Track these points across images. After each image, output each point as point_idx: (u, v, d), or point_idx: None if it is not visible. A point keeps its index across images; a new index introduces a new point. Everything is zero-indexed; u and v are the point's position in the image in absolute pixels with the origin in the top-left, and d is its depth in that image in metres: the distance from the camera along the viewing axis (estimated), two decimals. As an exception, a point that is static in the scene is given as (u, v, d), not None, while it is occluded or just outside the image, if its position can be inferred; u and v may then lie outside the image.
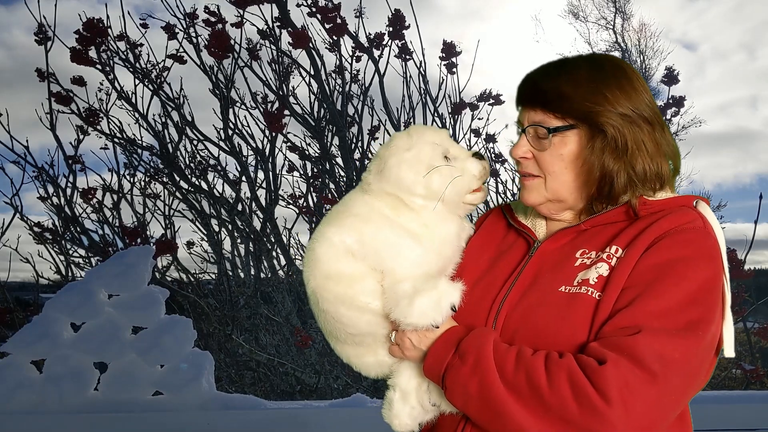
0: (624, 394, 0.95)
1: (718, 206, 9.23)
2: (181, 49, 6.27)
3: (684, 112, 7.15)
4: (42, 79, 6.02)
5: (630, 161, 1.15)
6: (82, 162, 6.30)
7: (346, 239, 1.19)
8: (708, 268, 1.07)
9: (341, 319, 1.21)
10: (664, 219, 1.12)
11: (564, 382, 0.98)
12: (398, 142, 1.26)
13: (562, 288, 1.12)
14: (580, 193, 1.21)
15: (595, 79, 1.16)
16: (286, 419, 3.60)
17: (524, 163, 1.23)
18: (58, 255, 6.29)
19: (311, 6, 5.95)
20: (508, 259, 1.26)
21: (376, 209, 1.23)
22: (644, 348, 0.97)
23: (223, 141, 6.42)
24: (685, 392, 1.03)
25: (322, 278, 1.20)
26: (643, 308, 1.02)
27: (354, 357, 1.31)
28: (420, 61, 6.30)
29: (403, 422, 1.21)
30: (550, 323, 1.10)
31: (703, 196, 1.23)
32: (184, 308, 5.96)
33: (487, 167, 1.27)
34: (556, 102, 1.17)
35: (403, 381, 1.23)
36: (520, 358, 1.04)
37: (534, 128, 1.20)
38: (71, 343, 3.62)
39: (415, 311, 1.11)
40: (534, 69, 1.25)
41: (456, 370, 1.08)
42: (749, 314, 5.76)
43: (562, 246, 1.21)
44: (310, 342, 5.51)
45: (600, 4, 13.93)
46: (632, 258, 1.09)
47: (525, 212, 1.34)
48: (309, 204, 6.58)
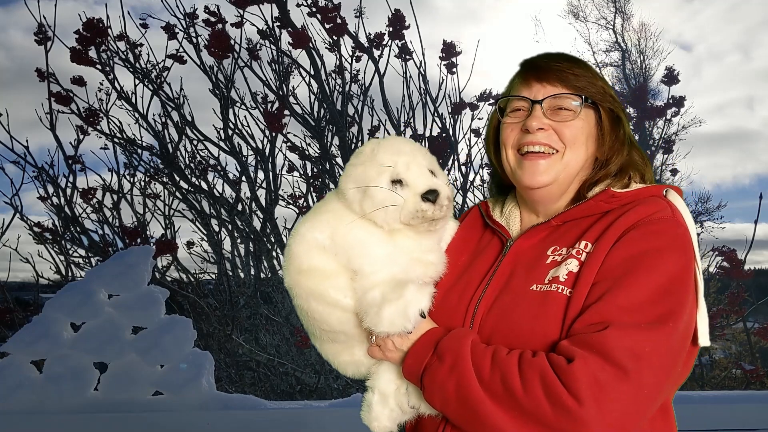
0: (595, 392, 0.95)
1: (717, 206, 9.23)
2: (181, 49, 6.28)
3: (684, 112, 7.14)
4: (42, 79, 6.03)
5: (628, 148, 1.22)
6: (82, 162, 6.31)
7: (317, 235, 1.20)
8: (678, 258, 1.06)
9: (313, 314, 1.22)
10: (632, 210, 1.12)
11: (537, 383, 0.98)
12: (362, 150, 1.26)
13: (534, 287, 1.12)
14: (582, 177, 1.23)
15: (593, 68, 1.24)
16: (286, 419, 3.60)
17: (541, 134, 1.20)
18: (58, 255, 6.30)
19: (311, 6, 5.95)
20: (484, 259, 1.26)
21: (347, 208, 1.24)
22: (614, 343, 0.97)
23: (223, 141, 6.43)
24: (660, 386, 1.01)
25: (296, 273, 1.21)
26: (613, 303, 1.02)
27: (331, 355, 1.32)
28: (420, 61, 6.31)
29: (382, 425, 1.21)
30: (524, 323, 1.10)
31: (702, 195, 1.24)
32: (184, 308, 5.96)
33: (430, 212, 1.17)
34: (574, 79, 1.20)
35: (382, 383, 1.23)
36: (495, 359, 1.04)
37: (556, 99, 1.20)
38: (71, 343, 3.62)
39: (384, 320, 1.11)
40: (540, 54, 1.27)
41: (434, 370, 1.08)
42: (749, 314, 5.76)
43: (534, 244, 1.21)
44: (310, 342, 5.49)
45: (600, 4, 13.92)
46: (601, 252, 1.09)
47: (501, 209, 1.34)
48: (309, 204, 6.58)
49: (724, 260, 5.34)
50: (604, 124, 1.21)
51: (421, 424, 1.23)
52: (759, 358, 6.43)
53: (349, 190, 1.21)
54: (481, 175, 6.91)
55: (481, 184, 6.77)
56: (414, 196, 1.17)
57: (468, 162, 6.57)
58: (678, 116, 6.85)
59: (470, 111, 6.48)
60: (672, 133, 7.64)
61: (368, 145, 1.26)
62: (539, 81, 1.22)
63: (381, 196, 1.17)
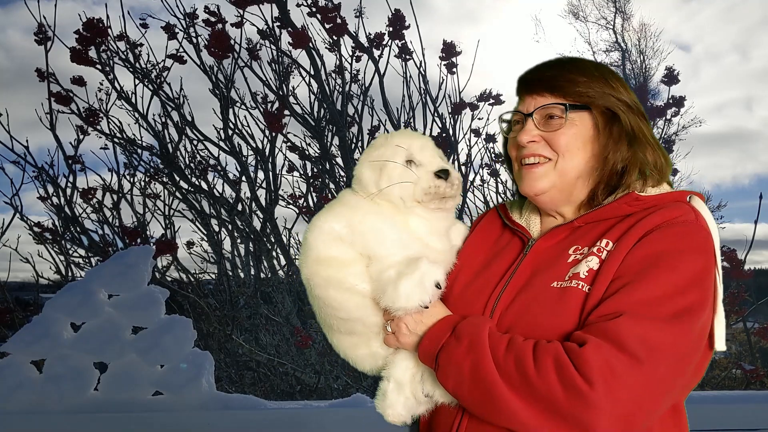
0: (606, 376, 0.95)
1: (717, 206, 9.24)
2: (181, 49, 6.28)
3: (684, 112, 7.14)
4: (42, 79, 6.02)
5: (642, 150, 1.20)
6: (82, 162, 6.31)
7: (335, 226, 1.24)
8: (698, 260, 1.07)
9: (332, 303, 1.24)
10: (656, 213, 1.13)
11: (550, 366, 0.99)
12: (375, 141, 1.34)
13: (555, 284, 1.14)
14: (586, 180, 1.23)
15: (599, 70, 1.23)
16: (286, 419, 3.60)
17: (532, 146, 1.23)
18: (58, 255, 6.30)
19: (311, 6, 5.95)
20: (503, 258, 1.28)
21: (363, 200, 1.29)
22: (626, 331, 0.98)
23: (223, 141, 6.43)
24: (672, 381, 1.01)
25: (314, 264, 1.24)
26: (629, 296, 1.03)
27: (348, 348, 1.33)
28: (420, 61, 6.31)
29: (397, 412, 1.22)
30: (543, 319, 1.11)
31: (702, 194, 1.24)
32: (184, 308, 5.96)
33: (443, 188, 1.26)
34: (567, 86, 1.21)
35: (398, 372, 1.24)
36: (512, 344, 1.05)
37: (546, 109, 1.21)
38: (71, 343, 3.62)
39: (401, 295, 1.14)
40: (534, 65, 1.27)
41: (451, 349, 1.10)
42: (749, 314, 5.76)
43: (555, 244, 1.22)
44: (310, 342, 5.51)
45: (600, 4, 13.93)
46: (622, 250, 1.09)
47: (520, 211, 1.36)
48: (309, 204, 6.58)
49: (724, 260, 5.34)
50: (599, 124, 1.21)
51: (437, 418, 1.24)
52: (759, 358, 6.43)
53: (365, 171, 1.29)
54: (481, 175, 6.92)
55: (482, 184, 6.78)
56: (427, 173, 1.26)
57: (468, 162, 6.57)
58: (678, 116, 6.84)
59: (470, 111, 6.49)
60: (672, 133, 7.65)
61: (381, 136, 1.34)
62: (530, 94, 1.25)
63: (397, 172, 1.25)
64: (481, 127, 6.58)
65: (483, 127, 6.58)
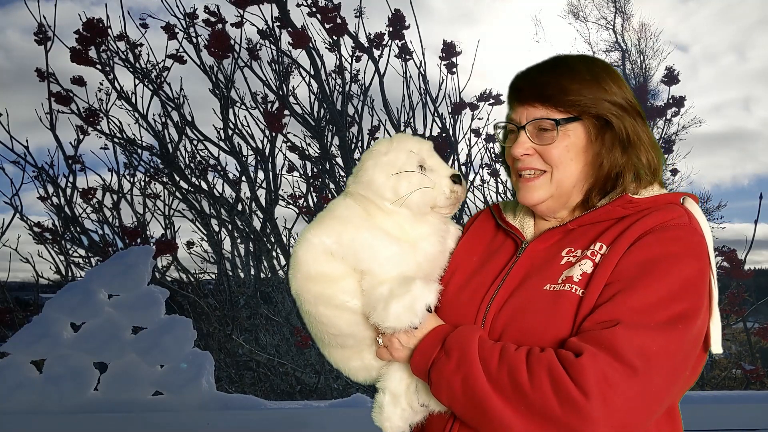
0: (603, 388, 0.94)
1: (717, 206, 9.24)
2: (181, 49, 6.27)
3: (684, 112, 7.14)
4: (42, 79, 6.02)
5: (636, 153, 1.18)
6: (82, 162, 6.30)
7: (325, 240, 1.21)
8: (693, 264, 1.06)
9: (321, 319, 1.23)
10: (650, 216, 1.12)
11: (544, 377, 0.98)
12: (378, 147, 1.29)
13: (547, 286, 1.13)
14: (582, 186, 1.22)
15: (591, 72, 1.20)
16: (286, 419, 3.60)
17: (526, 159, 1.23)
18: (58, 255, 6.30)
19: (311, 6, 5.94)
20: (497, 260, 1.27)
21: (355, 211, 1.25)
22: (623, 341, 0.97)
23: (223, 141, 6.43)
24: (669, 388, 1.01)
25: (303, 279, 1.22)
26: (624, 303, 1.02)
27: (341, 361, 1.33)
28: (420, 61, 6.31)
29: (394, 425, 1.22)
30: (536, 322, 1.10)
31: (702, 196, 1.23)
32: (184, 308, 5.96)
33: (460, 192, 1.27)
34: (558, 96, 1.18)
35: (393, 384, 1.23)
36: (504, 355, 1.04)
37: (537, 123, 1.20)
38: (71, 343, 3.62)
39: (391, 316, 1.13)
40: (526, 68, 1.26)
41: (441, 365, 1.09)
42: (749, 314, 5.76)
43: (549, 246, 1.22)
44: (310, 342, 5.51)
45: (600, 4, 13.94)
46: (616, 254, 1.09)
47: (514, 213, 1.35)
48: (309, 204, 6.58)
49: (724, 260, 5.34)
50: (591, 133, 1.19)
51: (430, 423, 1.23)
52: (759, 358, 6.43)
53: (378, 176, 1.24)
54: (481, 175, 6.92)
55: (482, 184, 6.78)
56: (444, 179, 1.25)
57: (468, 162, 6.57)
58: (678, 116, 6.84)
59: (470, 111, 6.48)
60: (672, 133, 7.65)
61: (381, 141, 1.31)
62: (521, 104, 1.23)
63: (416, 178, 1.23)
64: (481, 127, 6.59)
65: (483, 127, 6.58)
